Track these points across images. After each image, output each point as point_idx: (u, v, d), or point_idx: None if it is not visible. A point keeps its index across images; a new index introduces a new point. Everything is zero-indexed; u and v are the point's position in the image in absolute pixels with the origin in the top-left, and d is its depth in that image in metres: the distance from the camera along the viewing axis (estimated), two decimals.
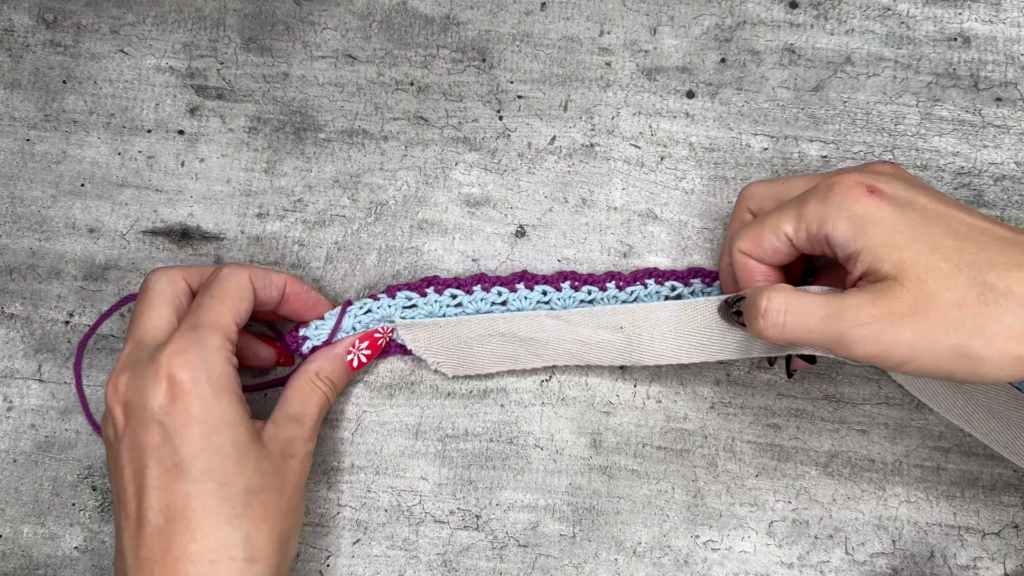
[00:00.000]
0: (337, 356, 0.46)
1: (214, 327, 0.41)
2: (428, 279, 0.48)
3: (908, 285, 0.36)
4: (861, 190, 0.38)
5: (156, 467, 0.39)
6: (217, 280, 0.43)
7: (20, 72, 0.52)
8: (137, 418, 0.39)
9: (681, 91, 0.51)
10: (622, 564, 0.47)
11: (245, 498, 0.40)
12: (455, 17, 0.52)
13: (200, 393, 0.39)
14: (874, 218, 0.37)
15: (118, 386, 0.40)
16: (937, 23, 0.52)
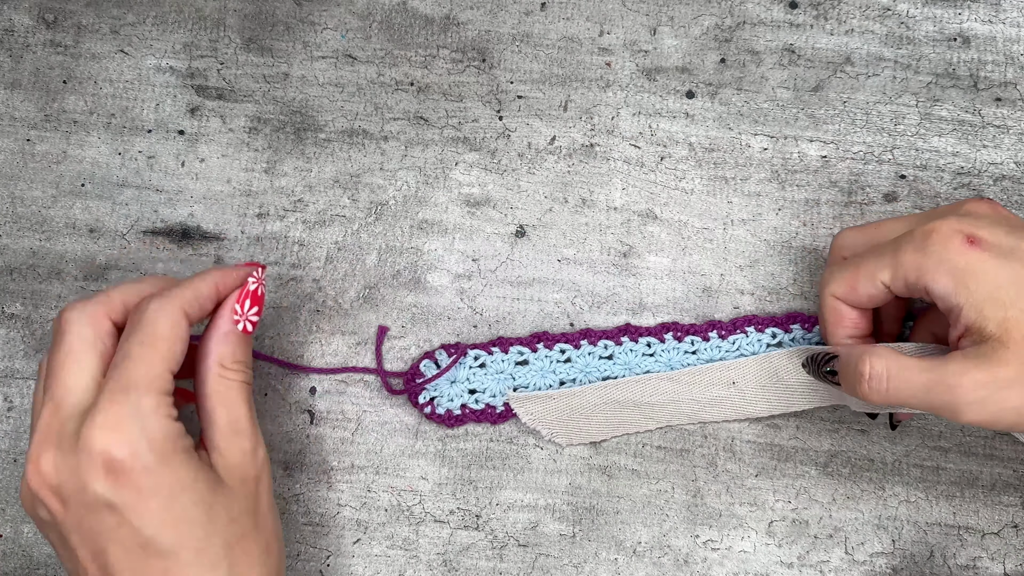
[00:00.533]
0: (228, 333, 0.40)
1: (146, 385, 0.36)
2: (538, 335, 0.48)
3: (1013, 347, 0.35)
4: (960, 240, 0.36)
5: (118, 549, 0.35)
6: (143, 322, 0.37)
7: (20, 72, 0.52)
8: (79, 502, 0.35)
9: (681, 91, 0.51)
10: (622, 564, 0.47)
11: (226, 555, 0.37)
12: (455, 17, 0.52)
13: (146, 466, 0.35)
14: (975, 272, 0.36)
15: (42, 467, 0.36)
16: (937, 23, 0.52)
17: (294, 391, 0.49)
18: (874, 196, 0.50)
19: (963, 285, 0.36)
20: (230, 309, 0.40)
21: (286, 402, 0.49)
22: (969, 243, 0.36)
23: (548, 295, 0.49)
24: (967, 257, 0.36)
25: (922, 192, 0.50)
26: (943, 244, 0.36)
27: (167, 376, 0.37)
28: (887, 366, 0.37)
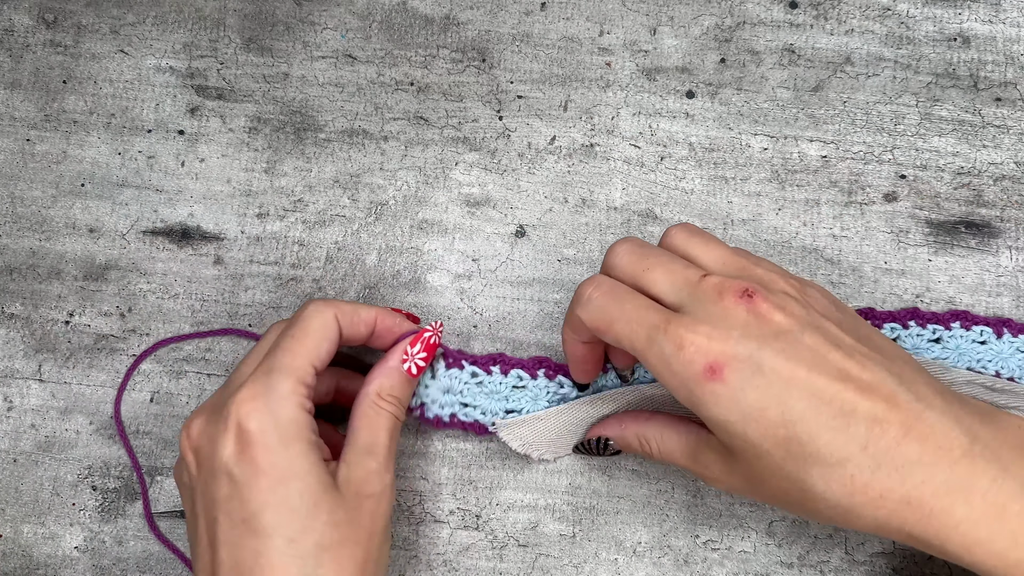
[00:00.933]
0: (393, 369, 0.42)
1: (287, 371, 0.39)
2: (540, 360, 0.47)
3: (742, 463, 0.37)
4: (702, 366, 0.35)
5: (226, 521, 0.37)
6: (299, 319, 0.41)
7: (20, 72, 0.52)
8: (208, 467, 0.38)
9: (681, 91, 0.51)
10: (622, 564, 0.47)
11: (316, 554, 0.37)
12: (455, 17, 0.52)
13: (267, 443, 0.37)
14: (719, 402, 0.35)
15: (191, 431, 0.39)
16: (937, 23, 0.52)
17: None
18: (874, 196, 0.50)
19: (706, 415, 0.36)
20: (402, 349, 0.43)
21: None
22: (711, 373, 0.35)
23: (548, 295, 0.49)
24: (708, 388, 0.35)
25: (922, 192, 0.50)
26: (685, 368, 0.35)
27: (308, 369, 0.40)
28: (659, 449, 0.42)
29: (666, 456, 0.42)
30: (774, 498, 0.37)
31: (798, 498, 0.36)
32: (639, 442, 0.43)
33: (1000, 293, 0.49)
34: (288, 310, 0.49)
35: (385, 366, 0.42)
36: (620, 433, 0.44)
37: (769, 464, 0.35)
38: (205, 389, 0.49)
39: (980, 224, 0.50)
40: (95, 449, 0.48)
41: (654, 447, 0.42)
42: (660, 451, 0.42)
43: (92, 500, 0.48)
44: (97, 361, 0.49)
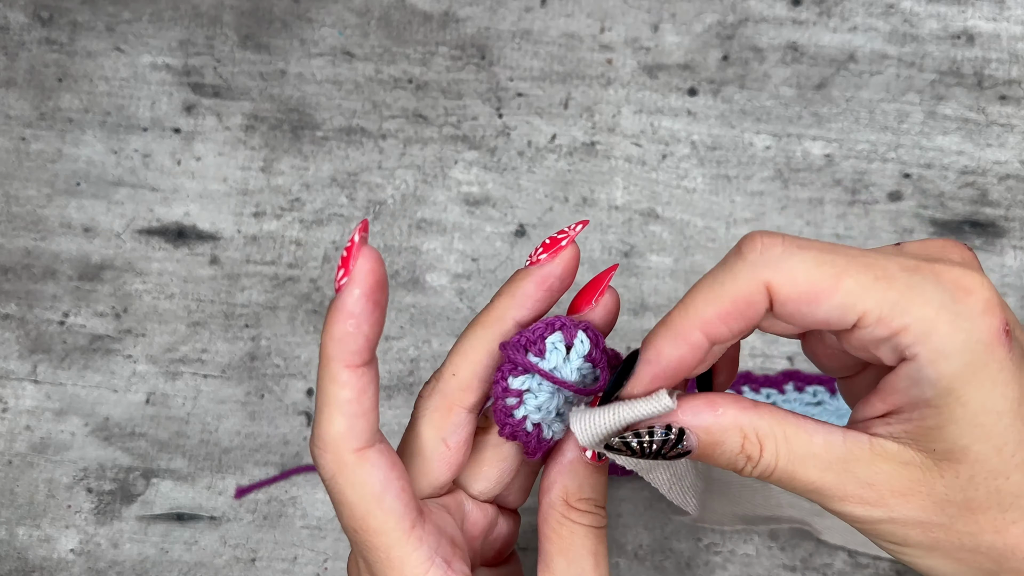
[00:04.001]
0: (575, 462, 0.31)
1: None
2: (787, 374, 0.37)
3: (949, 480, 0.26)
4: (1000, 324, 0.25)
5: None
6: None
7: (15, 70, 0.52)
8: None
9: (683, 89, 0.51)
10: (624, 567, 0.46)
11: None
12: (454, 14, 0.52)
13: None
14: (988, 381, 0.25)
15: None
16: (941, 21, 0.51)
17: (291, 392, 0.48)
18: (878, 195, 0.49)
19: (959, 390, 0.25)
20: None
21: (283, 404, 0.48)
22: (1006, 335, 0.25)
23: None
24: (994, 354, 0.25)
25: (926, 191, 0.49)
26: (978, 320, 0.25)
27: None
28: (778, 452, 0.27)
29: (789, 467, 0.27)
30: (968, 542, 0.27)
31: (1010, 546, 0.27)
32: (744, 441, 0.27)
33: (1005, 293, 0.48)
34: (285, 310, 0.49)
35: (563, 459, 0.31)
36: (713, 421, 0.27)
37: (1006, 485, 0.26)
38: (201, 390, 0.48)
39: (985, 223, 0.49)
40: (90, 451, 0.48)
41: (770, 452, 0.27)
42: (780, 459, 0.27)
43: (87, 502, 0.48)
44: (92, 362, 0.49)
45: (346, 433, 0.28)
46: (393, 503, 0.28)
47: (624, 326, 0.48)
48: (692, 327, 0.26)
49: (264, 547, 0.47)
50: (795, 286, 0.25)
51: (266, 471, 0.47)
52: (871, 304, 0.25)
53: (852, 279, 0.25)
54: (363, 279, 0.26)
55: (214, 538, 0.47)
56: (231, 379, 0.48)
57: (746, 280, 0.26)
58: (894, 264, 0.26)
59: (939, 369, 0.25)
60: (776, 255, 0.25)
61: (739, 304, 0.26)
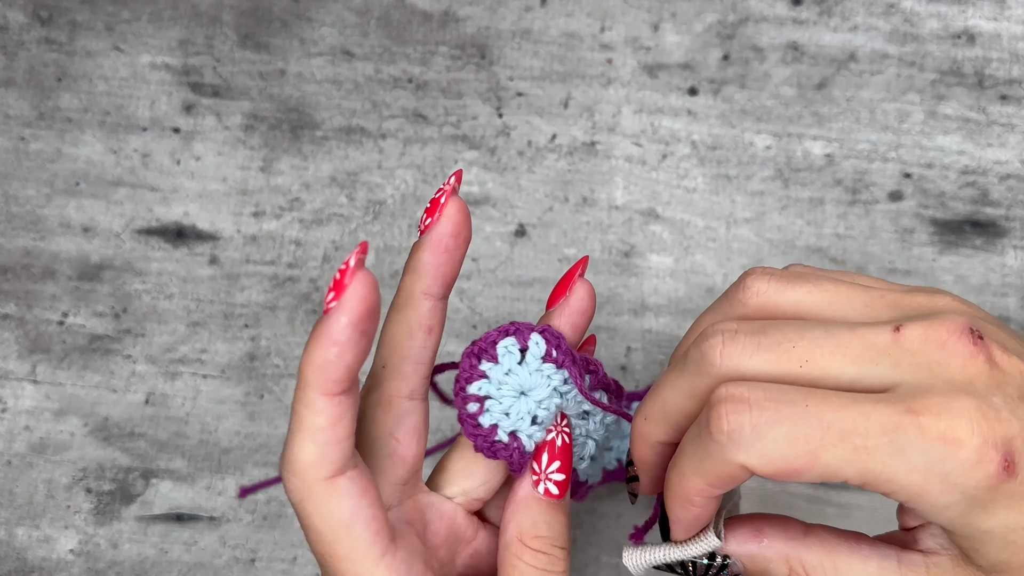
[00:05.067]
0: (528, 499, 0.30)
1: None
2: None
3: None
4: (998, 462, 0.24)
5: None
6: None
7: (14, 70, 0.52)
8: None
9: (683, 88, 0.51)
10: (624, 568, 0.46)
11: None
12: (454, 13, 0.52)
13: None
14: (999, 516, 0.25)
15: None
16: (941, 20, 0.51)
17: (291, 392, 0.48)
18: (879, 195, 0.49)
19: (980, 527, 0.25)
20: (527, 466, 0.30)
21: (283, 404, 0.48)
22: (1006, 471, 0.24)
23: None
24: (1000, 491, 0.24)
25: (927, 191, 0.49)
26: (976, 466, 0.24)
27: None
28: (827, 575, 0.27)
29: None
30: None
31: None
32: (790, 572, 0.28)
33: (1006, 293, 0.48)
34: (285, 311, 0.49)
35: (516, 496, 0.30)
36: (757, 551, 0.28)
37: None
38: (200, 390, 0.48)
39: (986, 223, 0.49)
40: (89, 451, 0.48)
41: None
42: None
43: (87, 503, 0.47)
44: (91, 362, 0.49)
45: (316, 461, 0.27)
46: (362, 532, 0.27)
47: (624, 326, 0.48)
48: (691, 496, 0.27)
49: (264, 547, 0.47)
50: (771, 467, 0.25)
51: (266, 471, 0.47)
52: (852, 474, 0.24)
53: (829, 454, 0.24)
54: (352, 307, 0.25)
55: (213, 538, 0.47)
56: (231, 379, 0.48)
57: (723, 463, 0.25)
58: (874, 427, 0.24)
59: (945, 517, 0.25)
60: (746, 437, 0.25)
61: (724, 479, 0.26)
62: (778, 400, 0.25)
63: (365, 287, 0.26)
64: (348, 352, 0.26)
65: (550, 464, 0.29)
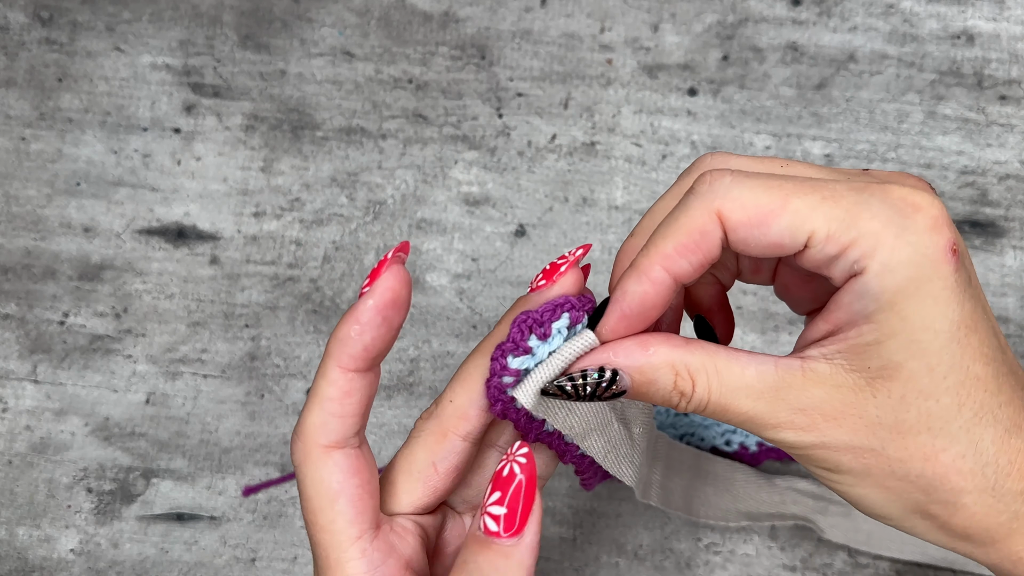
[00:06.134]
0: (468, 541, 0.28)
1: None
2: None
3: (881, 400, 0.26)
4: (947, 244, 0.25)
5: None
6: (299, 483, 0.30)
7: (15, 70, 0.52)
8: None
9: (683, 88, 0.51)
10: (623, 567, 0.46)
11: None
12: (454, 14, 0.52)
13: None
14: (930, 298, 0.26)
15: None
16: (940, 21, 0.51)
17: (291, 392, 0.48)
18: None
19: (901, 304, 0.25)
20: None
21: (283, 404, 0.48)
22: (952, 253, 0.26)
23: None
24: (939, 270, 0.25)
25: None
26: (925, 235, 0.25)
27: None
28: (710, 385, 0.27)
29: (723, 399, 0.27)
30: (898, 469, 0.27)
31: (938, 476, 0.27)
32: (676, 377, 0.28)
33: (1005, 293, 0.48)
34: (285, 311, 0.49)
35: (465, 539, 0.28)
36: (644, 360, 0.28)
37: (936, 408, 0.26)
38: (201, 390, 0.48)
39: (985, 223, 0.49)
40: (90, 451, 0.48)
41: (703, 385, 0.27)
42: (712, 391, 0.27)
43: (87, 502, 0.48)
44: (92, 362, 0.49)
45: (319, 427, 0.28)
46: (344, 507, 0.28)
47: None
48: (652, 263, 0.27)
49: (264, 547, 0.47)
50: (744, 211, 0.26)
51: (266, 471, 0.47)
52: (819, 222, 0.25)
53: (799, 199, 0.26)
54: (380, 293, 0.28)
55: (214, 538, 0.47)
56: (231, 379, 0.48)
57: (698, 211, 0.26)
58: (842, 185, 0.26)
59: (884, 282, 0.25)
60: (725, 184, 0.26)
61: (694, 235, 0.26)
62: (756, 168, 0.27)
63: (395, 279, 0.28)
64: (368, 332, 0.27)
65: (490, 495, 0.26)
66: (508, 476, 0.26)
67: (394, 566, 0.29)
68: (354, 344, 0.28)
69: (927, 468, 0.27)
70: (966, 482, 0.27)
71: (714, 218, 0.26)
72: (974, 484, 0.27)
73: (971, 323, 0.26)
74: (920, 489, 0.27)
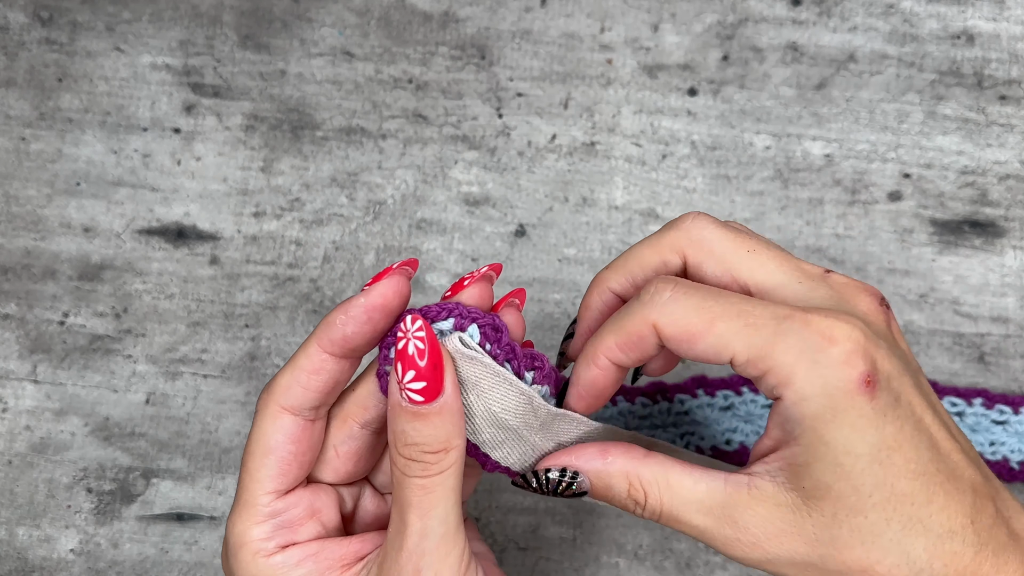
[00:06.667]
0: (395, 407, 0.30)
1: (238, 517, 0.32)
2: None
3: (816, 519, 0.29)
4: (859, 377, 0.28)
5: None
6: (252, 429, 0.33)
7: (15, 70, 0.52)
8: None
9: (683, 88, 0.51)
10: (623, 567, 0.46)
11: None
12: (454, 14, 0.52)
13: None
14: (847, 426, 0.28)
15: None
16: (941, 20, 0.51)
17: None
18: (878, 195, 0.49)
19: (820, 431, 0.28)
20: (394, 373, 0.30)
21: None
22: (866, 385, 0.28)
23: (549, 295, 0.49)
24: (853, 401, 0.27)
25: (926, 191, 0.49)
26: (836, 369, 0.28)
27: (263, 501, 0.32)
28: (662, 498, 0.30)
29: (673, 511, 0.30)
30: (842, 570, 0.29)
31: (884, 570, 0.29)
32: (629, 487, 0.31)
33: (1005, 293, 0.48)
34: (285, 311, 0.49)
35: (388, 404, 0.30)
36: (602, 467, 0.31)
37: (865, 523, 0.28)
38: (201, 390, 0.48)
39: (985, 223, 0.49)
40: (90, 451, 0.48)
41: (655, 497, 0.30)
42: (664, 504, 0.30)
43: (87, 502, 0.48)
44: (92, 362, 0.49)
45: (283, 389, 0.31)
46: (274, 463, 0.31)
47: None
48: (598, 353, 0.31)
49: None
50: (675, 327, 0.29)
51: None
52: (739, 347, 0.28)
53: (723, 324, 0.28)
54: (373, 296, 0.30)
55: (214, 538, 0.47)
56: (231, 379, 0.48)
57: (638, 319, 0.30)
58: (767, 312, 0.28)
59: (801, 410, 0.28)
60: (664, 300, 0.29)
61: (632, 337, 0.30)
62: (697, 288, 0.30)
63: (391, 288, 0.30)
64: (350, 324, 0.30)
65: (405, 373, 0.29)
66: (418, 352, 0.29)
67: (301, 514, 0.32)
68: (336, 330, 0.30)
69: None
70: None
71: (651, 328, 0.29)
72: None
73: (894, 444, 0.28)
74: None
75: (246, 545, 0.31)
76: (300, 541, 0.32)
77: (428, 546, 0.30)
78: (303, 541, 0.32)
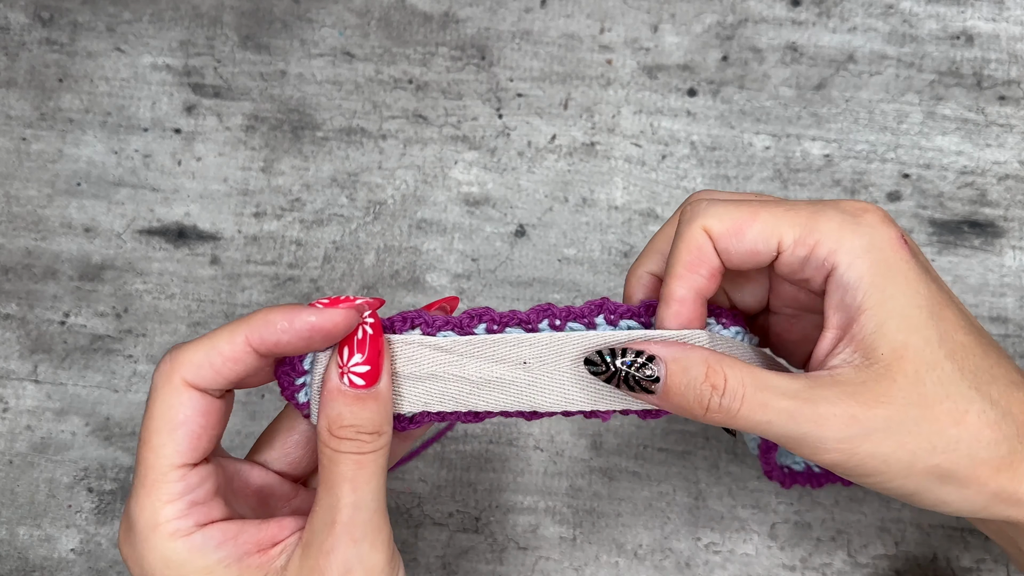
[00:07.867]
0: (334, 391, 0.30)
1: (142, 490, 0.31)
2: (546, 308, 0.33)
3: (901, 382, 0.29)
4: (896, 233, 0.30)
5: None
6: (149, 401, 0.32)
7: (16, 70, 0.52)
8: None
9: (682, 89, 0.51)
10: (623, 567, 0.46)
11: None
12: (454, 14, 0.52)
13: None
14: (901, 276, 0.29)
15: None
16: (940, 21, 0.51)
17: None
18: (877, 195, 0.50)
19: (880, 286, 0.29)
20: (335, 360, 0.31)
21: (283, 403, 0.48)
22: (904, 244, 0.30)
23: (548, 295, 0.49)
24: (899, 255, 0.29)
25: (926, 191, 0.50)
26: (877, 228, 0.30)
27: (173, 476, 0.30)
28: (744, 381, 0.29)
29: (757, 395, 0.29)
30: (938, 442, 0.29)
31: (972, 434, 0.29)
32: (708, 369, 0.29)
33: (1004, 293, 0.48)
34: None
35: (326, 388, 0.31)
36: (680, 352, 0.30)
37: (944, 375, 0.29)
38: None
39: (984, 224, 0.49)
40: (91, 451, 0.48)
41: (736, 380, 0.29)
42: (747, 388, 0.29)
43: (88, 502, 0.48)
44: (93, 362, 0.49)
45: (193, 365, 0.30)
46: (181, 439, 0.30)
47: None
48: (673, 287, 0.31)
49: None
50: (723, 223, 0.30)
51: None
52: (785, 228, 0.30)
53: (766, 212, 0.30)
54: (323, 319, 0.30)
55: None
56: None
57: (690, 230, 0.31)
58: (801, 202, 0.31)
59: (858, 269, 0.29)
60: (704, 207, 0.31)
61: (693, 251, 0.31)
62: (732, 194, 0.33)
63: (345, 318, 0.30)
64: (287, 335, 0.30)
65: (351, 357, 0.30)
66: (363, 339, 0.31)
67: (210, 490, 0.31)
68: (272, 333, 0.30)
69: (961, 431, 0.29)
70: (996, 432, 0.29)
71: (703, 233, 0.31)
72: (1003, 433, 0.29)
73: (942, 300, 0.30)
74: (963, 456, 0.29)
75: (159, 526, 0.29)
76: (216, 519, 0.30)
77: (362, 518, 0.30)
78: (219, 520, 0.30)
